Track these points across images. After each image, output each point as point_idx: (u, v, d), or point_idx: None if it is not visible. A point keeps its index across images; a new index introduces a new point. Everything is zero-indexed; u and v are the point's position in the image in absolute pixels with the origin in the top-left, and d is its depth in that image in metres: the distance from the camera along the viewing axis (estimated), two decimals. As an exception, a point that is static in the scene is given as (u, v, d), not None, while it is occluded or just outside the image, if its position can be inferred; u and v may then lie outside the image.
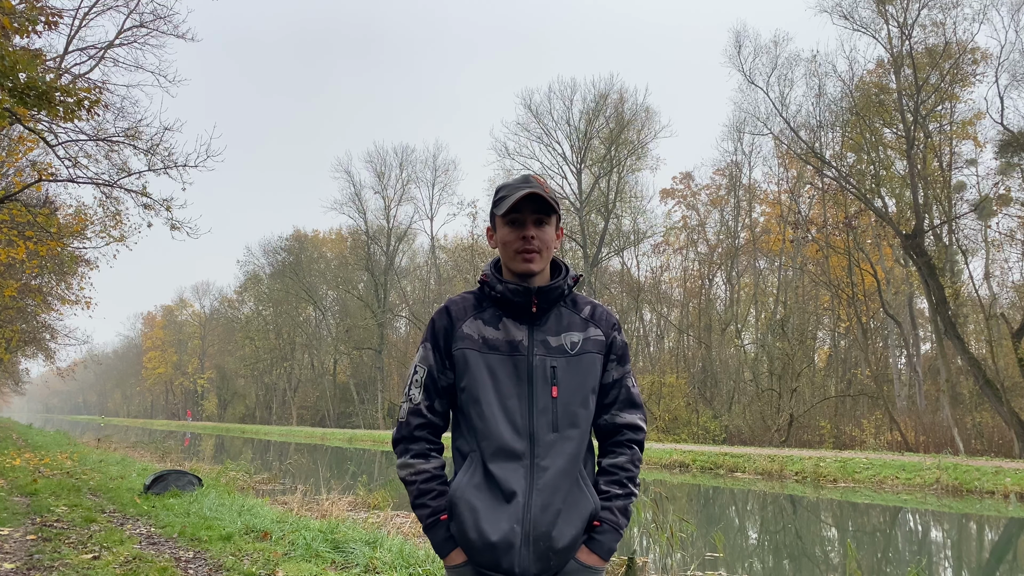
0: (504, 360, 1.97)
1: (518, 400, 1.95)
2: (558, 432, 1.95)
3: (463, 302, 2.07)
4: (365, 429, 51.30)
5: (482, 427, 1.94)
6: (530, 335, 2.00)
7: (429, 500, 1.98)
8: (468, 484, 1.94)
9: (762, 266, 41.65)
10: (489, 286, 2.04)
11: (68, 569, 5.61)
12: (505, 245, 2.01)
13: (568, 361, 1.99)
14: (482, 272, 2.07)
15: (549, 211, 2.00)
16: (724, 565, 9.62)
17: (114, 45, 15.83)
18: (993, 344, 25.89)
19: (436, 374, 2.03)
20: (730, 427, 33.48)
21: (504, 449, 1.92)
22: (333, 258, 63.67)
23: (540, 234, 1.99)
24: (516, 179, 2.05)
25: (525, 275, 2.01)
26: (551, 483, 1.92)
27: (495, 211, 2.03)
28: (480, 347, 1.98)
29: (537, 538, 1.89)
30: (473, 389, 1.96)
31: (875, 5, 25.77)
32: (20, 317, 27.70)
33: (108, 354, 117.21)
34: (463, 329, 2.01)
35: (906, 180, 26.63)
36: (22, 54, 7.86)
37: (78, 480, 12.37)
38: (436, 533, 1.97)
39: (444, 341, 2.02)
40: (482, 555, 1.90)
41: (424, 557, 6.26)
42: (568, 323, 2.04)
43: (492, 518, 1.89)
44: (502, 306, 2.02)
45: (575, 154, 42.76)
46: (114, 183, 14.71)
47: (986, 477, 16.47)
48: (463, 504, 1.92)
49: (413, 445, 2.01)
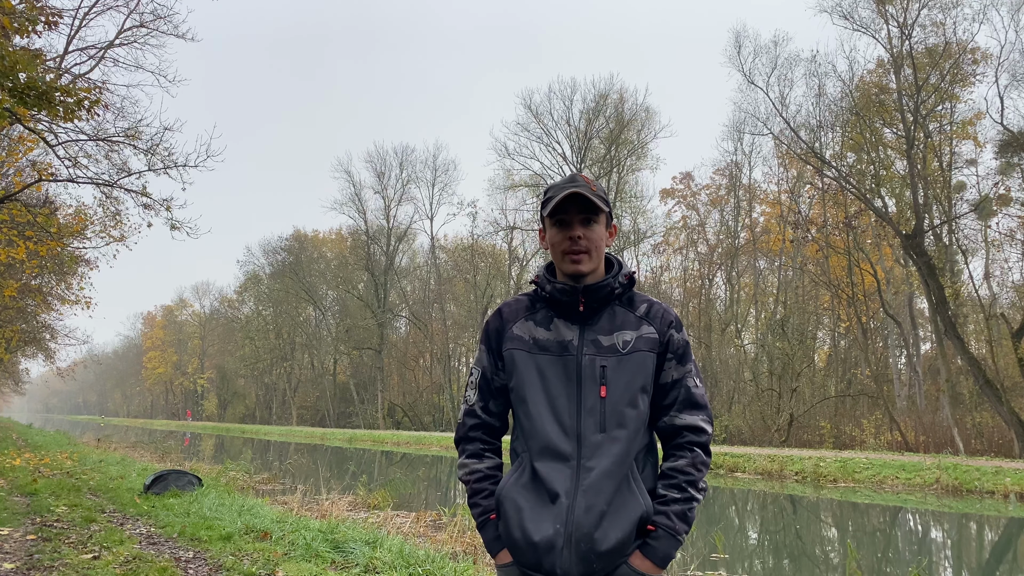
0: (554, 360, 1.96)
1: (567, 400, 1.93)
2: (605, 432, 1.91)
3: (516, 304, 2.09)
4: (365, 429, 51.30)
5: (529, 427, 1.95)
6: (581, 335, 1.98)
7: (480, 499, 2.01)
8: (515, 484, 1.95)
9: (762, 266, 41.67)
10: (540, 287, 2.04)
11: (68, 569, 5.61)
12: (553, 246, 2.01)
13: (619, 360, 1.94)
14: (535, 273, 2.08)
15: (596, 210, 1.97)
16: (724, 565, 9.62)
17: (114, 45, 15.84)
18: (993, 344, 25.88)
19: (490, 375, 2.06)
20: (730, 427, 33.47)
21: (550, 449, 1.91)
22: (333, 258, 63.66)
23: (588, 233, 1.97)
24: (563, 179, 2.02)
25: (575, 276, 1.99)
26: (596, 484, 1.88)
27: (543, 212, 2.02)
28: (530, 348, 1.99)
29: (579, 539, 1.85)
30: (520, 389, 1.98)
31: (875, 5, 25.77)
32: (20, 317, 27.71)
33: (108, 354, 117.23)
34: (513, 330, 2.03)
35: (906, 180, 26.64)
36: (22, 54, 7.85)
37: (78, 480, 12.37)
38: (486, 532, 1.99)
39: (496, 342, 2.05)
40: (525, 555, 1.89)
41: (424, 557, 6.26)
42: (622, 322, 1.99)
43: (536, 518, 1.88)
44: (553, 306, 2.02)
45: (575, 154, 42.75)
46: (114, 183, 14.72)
47: (986, 477, 16.47)
48: (509, 503, 1.93)
49: (468, 445, 2.06)
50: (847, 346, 37.49)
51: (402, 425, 53.91)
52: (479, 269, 51.62)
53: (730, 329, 40.05)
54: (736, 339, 40.12)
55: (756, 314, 41.53)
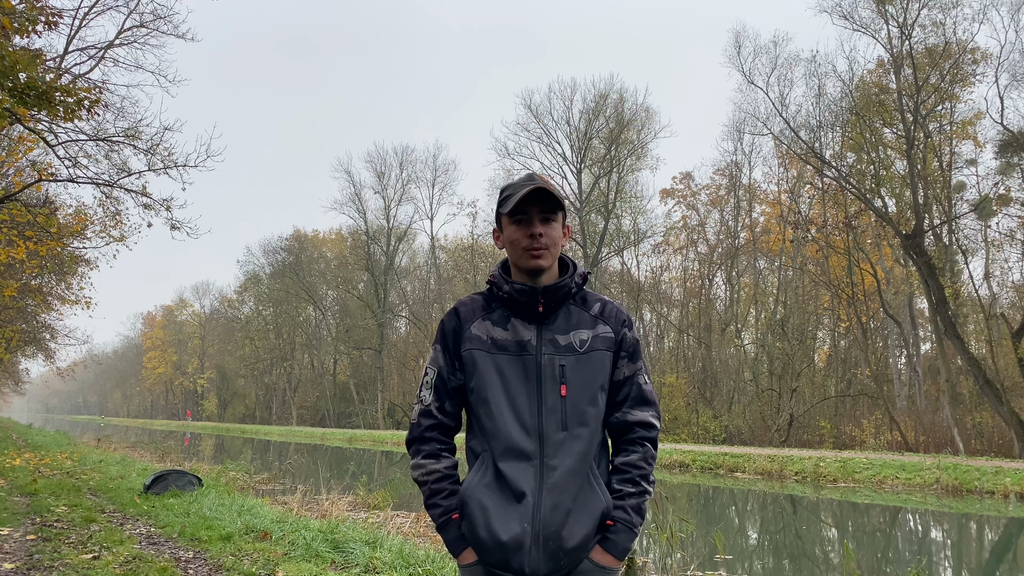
0: (513, 360, 1.98)
1: (527, 399, 1.95)
2: (567, 431, 1.94)
3: (472, 303, 2.08)
4: (365, 429, 51.31)
5: (491, 427, 1.95)
6: (538, 334, 1.99)
7: (440, 500, 1.99)
8: (479, 483, 1.95)
9: (762, 266, 41.66)
10: (496, 287, 2.05)
11: (68, 569, 5.61)
12: (513, 244, 2.02)
13: (577, 359, 1.98)
14: (490, 273, 2.08)
15: (555, 208, 2.00)
16: (724, 565, 9.62)
17: (114, 45, 15.85)
18: (993, 344, 25.88)
19: (446, 375, 2.04)
20: (730, 427, 33.48)
21: (514, 448, 1.93)
22: (333, 258, 63.67)
23: (547, 231, 1.99)
24: (520, 178, 2.05)
25: (534, 272, 2.01)
26: (561, 482, 1.91)
27: (501, 210, 2.03)
28: (488, 347, 1.99)
29: (547, 538, 1.89)
30: (482, 389, 1.98)
31: (875, 5, 25.78)
32: (20, 317, 27.70)
33: (108, 354, 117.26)
34: (471, 330, 2.02)
35: (906, 180, 26.64)
36: (22, 54, 7.85)
37: (78, 480, 12.37)
38: (448, 532, 1.98)
39: (453, 342, 2.04)
40: (492, 554, 1.91)
41: (424, 557, 6.26)
42: (577, 321, 2.03)
43: (502, 517, 1.89)
44: (510, 306, 2.03)
45: (575, 154, 42.77)
46: (114, 183, 14.72)
47: (986, 477, 16.47)
48: (474, 503, 1.93)
49: (424, 446, 2.03)
50: (847, 346, 37.48)
51: (402, 425, 53.91)
52: (479, 269, 51.63)
53: (730, 329, 40.06)
54: (736, 339, 40.11)
55: (756, 314, 41.53)
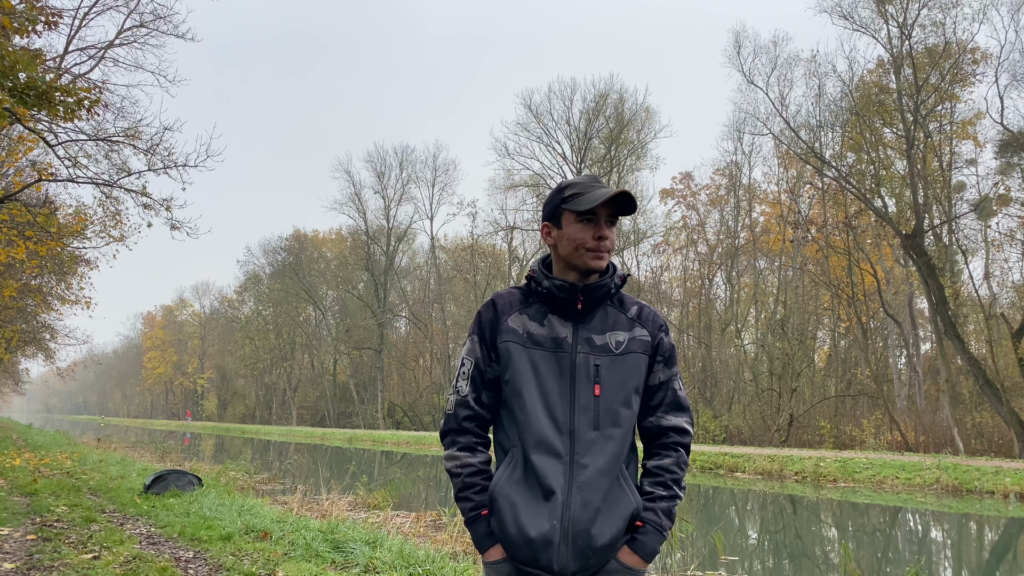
0: (547, 356, 1.97)
1: (559, 396, 1.95)
2: (599, 431, 1.94)
3: (509, 296, 2.07)
4: (365, 429, 51.31)
5: (524, 420, 1.94)
6: (575, 332, 1.99)
7: (472, 494, 1.97)
8: (508, 479, 1.93)
9: (762, 266, 41.65)
10: (536, 282, 2.04)
11: (68, 569, 5.61)
12: (575, 242, 2.00)
13: (612, 360, 1.99)
14: (530, 268, 2.08)
15: (625, 212, 2.01)
16: (725, 565, 9.62)
17: (114, 45, 15.87)
18: (993, 344, 25.88)
19: (483, 366, 2.03)
20: (730, 427, 33.48)
21: (544, 444, 1.92)
22: (333, 258, 63.67)
23: (610, 235, 2.01)
24: (585, 177, 2.05)
25: (588, 273, 2.01)
26: (591, 481, 1.91)
27: (568, 207, 2.00)
28: (524, 341, 1.98)
29: (576, 535, 1.88)
30: (516, 382, 1.96)
31: (875, 5, 25.78)
32: (20, 317, 27.71)
33: (108, 354, 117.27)
34: (508, 323, 2.01)
35: (906, 180, 26.64)
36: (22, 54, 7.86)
37: (78, 480, 12.36)
38: (477, 528, 1.97)
39: (490, 334, 2.02)
40: (521, 551, 1.89)
41: (424, 557, 6.26)
42: (614, 322, 2.03)
43: (531, 514, 1.89)
44: (547, 302, 2.03)
45: (575, 154, 42.76)
46: (114, 183, 14.72)
47: (986, 477, 16.47)
48: (503, 499, 1.92)
49: (460, 437, 2.02)
50: (847, 346, 37.49)
51: (402, 425, 53.91)
52: (479, 269, 51.65)
53: (730, 329, 40.06)
54: (736, 339, 40.11)
55: (756, 314, 41.53)
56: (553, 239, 2.06)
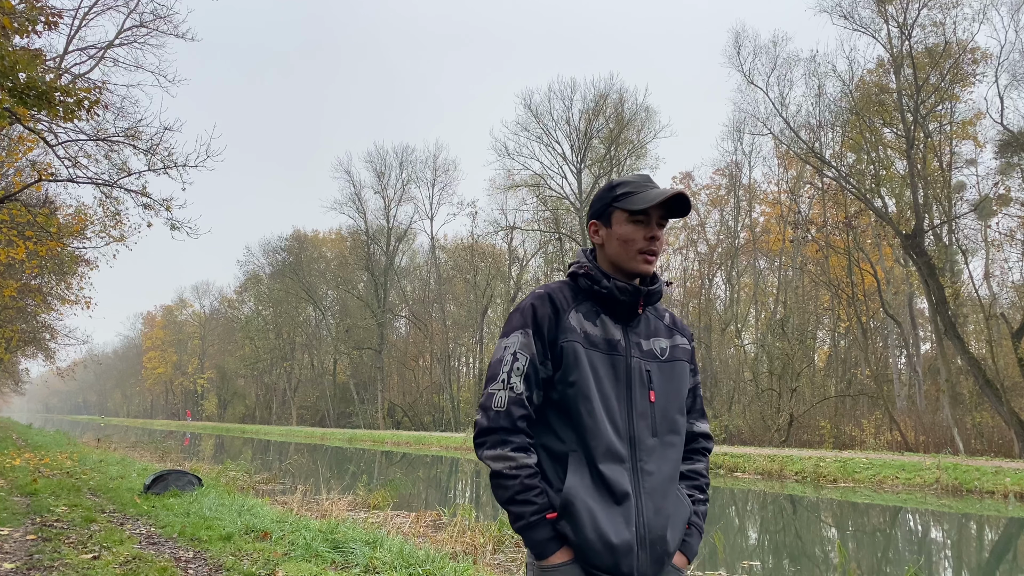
0: (604, 359, 1.92)
1: (617, 401, 1.91)
2: (657, 437, 1.94)
3: (561, 292, 1.97)
4: (365, 429, 51.30)
5: (592, 426, 1.87)
6: (625, 335, 1.96)
7: (534, 496, 1.85)
8: (581, 484, 1.86)
9: (762, 266, 41.66)
10: (592, 280, 1.96)
11: (68, 569, 5.60)
12: (626, 243, 1.96)
13: (660, 367, 1.99)
14: (581, 264, 2.00)
15: (676, 215, 1.98)
16: (725, 565, 9.62)
17: (114, 45, 15.88)
18: (993, 344, 25.88)
19: (538, 364, 1.91)
20: (730, 427, 33.47)
21: (611, 450, 1.88)
22: (333, 258, 63.67)
23: (661, 236, 1.98)
24: (638, 176, 2.01)
25: (633, 275, 1.98)
26: (659, 487, 1.92)
27: (622, 205, 1.96)
28: (583, 342, 1.91)
29: (653, 542, 1.88)
30: (584, 385, 1.88)
31: (875, 5, 25.78)
32: (20, 317, 27.71)
33: (108, 354, 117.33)
34: (569, 320, 1.92)
35: (906, 180, 26.64)
36: (22, 54, 7.86)
37: (78, 480, 12.36)
38: (539, 531, 1.85)
39: (548, 331, 1.91)
40: (601, 557, 1.84)
41: (424, 557, 6.26)
42: (655, 328, 2.04)
43: (610, 520, 1.85)
44: (601, 302, 1.97)
45: (575, 154, 42.77)
46: (114, 183, 14.71)
47: (986, 477, 16.47)
48: (580, 504, 1.84)
49: (515, 437, 1.87)
50: (847, 346, 37.49)
51: (402, 425, 53.91)
52: (479, 269, 51.66)
53: (730, 329, 40.06)
54: (736, 339, 40.11)
55: (756, 314, 41.54)
56: (601, 238, 2.02)
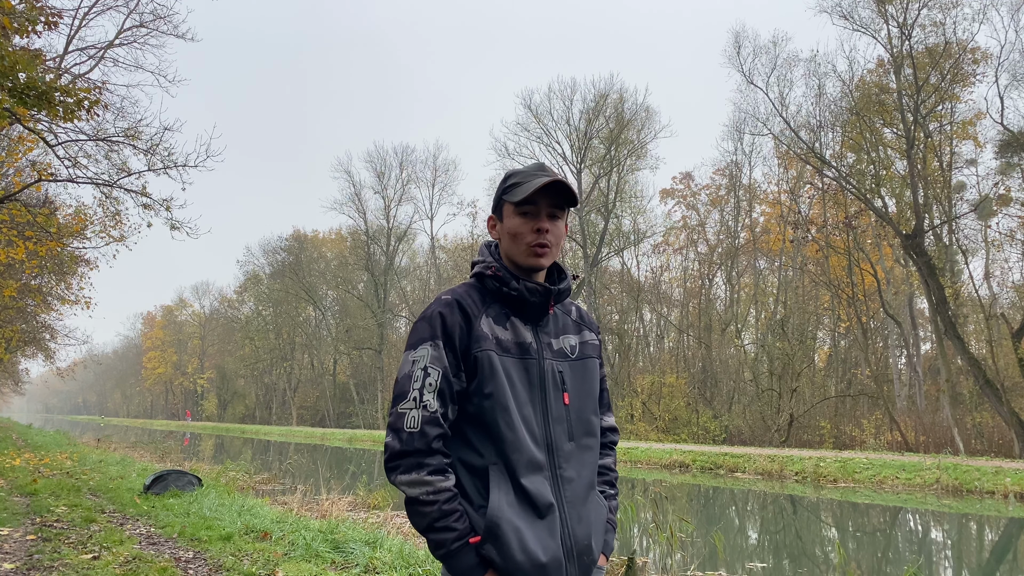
0: (517, 363, 1.82)
1: (532, 407, 1.81)
2: (574, 441, 1.86)
3: (470, 296, 1.85)
4: (365, 429, 51.30)
5: (512, 439, 1.76)
6: (536, 336, 1.87)
7: (454, 522, 1.71)
8: (504, 502, 1.74)
9: (762, 266, 41.66)
10: (500, 282, 1.85)
11: (68, 569, 5.60)
12: (515, 236, 1.86)
13: (572, 366, 1.90)
14: (487, 264, 1.88)
15: (565, 204, 1.86)
16: (725, 565, 9.61)
17: (114, 45, 15.87)
18: (993, 344, 25.88)
19: (451, 377, 1.77)
20: (730, 427, 33.48)
21: (532, 461, 1.78)
22: (333, 258, 63.70)
23: (553, 228, 1.86)
24: (530, 166, 1.91)
25: (531, 270, 1.87)
26: (580, 495, 1.84)
27: (507, 198, 1.87)
28: (496, 349, 1.80)
29: (580, 552, 1.80)
30: (502, 397, 1.76)
31: (875, 5, 25.79)
32: (20, 317, 27.69)
33: (108, 354, 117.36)
34: (480, 327, 1.80)
35: (906, 180, 26.64)
36: (22, 54, 7.85)
37: (78, 480, 12.36)
38: (463, 559, 1.71)
39: (460, 340, 1.79)
40: None
41: (424, 557, 6.26)
42: (563, 325, 1.94)
43: (536, 538, 1.74)
44: (510, 304, 1.86)
45: (575, 154, 42.78)
46: (114, 183, 14.70)
47: (986, 477, 16.47)
48: (506, 525, 1.71)
49: (431, 459, 1.73)
50: (847, 346, 37.49)
51: (402, 425, 53.83)
52: (479, 269, 51.57)
53: (730, 329, 40.04)
54: (736, 339, 40.10)
55: (756, 314, 41.53)
56: (497, 233, 1.92)
